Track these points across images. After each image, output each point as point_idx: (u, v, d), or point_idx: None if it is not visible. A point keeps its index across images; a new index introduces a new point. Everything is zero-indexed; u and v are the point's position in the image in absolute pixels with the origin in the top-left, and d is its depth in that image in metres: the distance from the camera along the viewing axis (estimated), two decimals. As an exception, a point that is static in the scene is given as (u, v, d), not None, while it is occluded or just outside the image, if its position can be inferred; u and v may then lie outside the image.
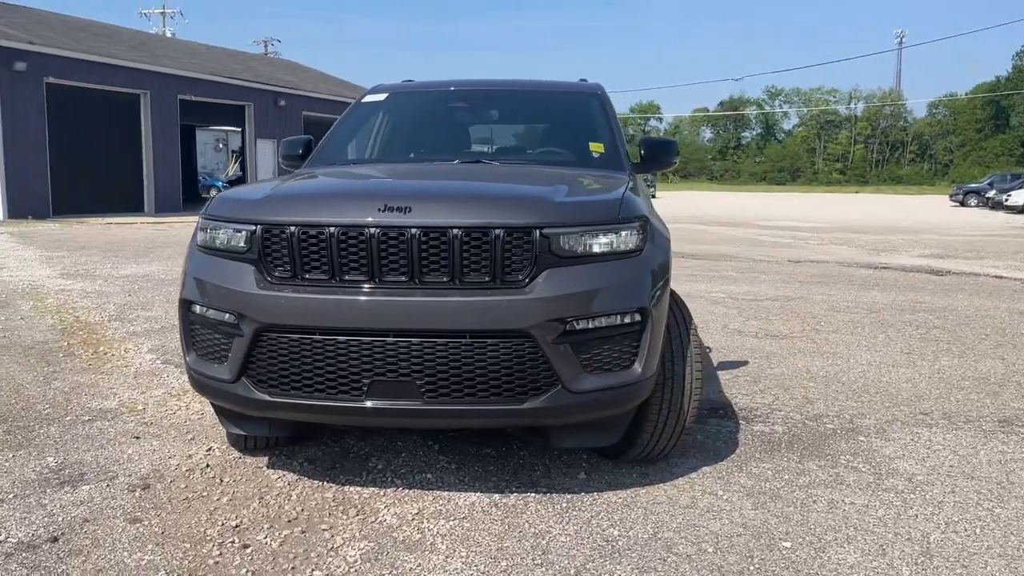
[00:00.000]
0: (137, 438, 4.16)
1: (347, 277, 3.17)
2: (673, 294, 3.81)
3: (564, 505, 3.40)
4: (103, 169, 23.27)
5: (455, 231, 3.10)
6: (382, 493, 3.51)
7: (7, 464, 3.78)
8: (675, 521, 3.26)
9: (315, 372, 3.18)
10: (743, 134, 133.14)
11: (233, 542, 3.05)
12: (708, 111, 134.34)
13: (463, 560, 2.92)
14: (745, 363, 6.01)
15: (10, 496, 3.42)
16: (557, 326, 3.11)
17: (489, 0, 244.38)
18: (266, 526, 3.19)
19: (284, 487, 3.57)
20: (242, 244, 3.30)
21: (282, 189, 3.57)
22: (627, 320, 3.26)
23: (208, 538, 3.08)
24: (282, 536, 3.11)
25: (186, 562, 2.90)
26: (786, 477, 3.74)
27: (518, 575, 2.83)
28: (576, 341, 3.17)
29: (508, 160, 4.46)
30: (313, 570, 2.86)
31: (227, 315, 3.28)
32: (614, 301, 3.23)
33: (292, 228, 3.19)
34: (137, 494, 3.48)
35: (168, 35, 46.18)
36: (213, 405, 3.73)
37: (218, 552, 2.97)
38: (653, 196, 56.89)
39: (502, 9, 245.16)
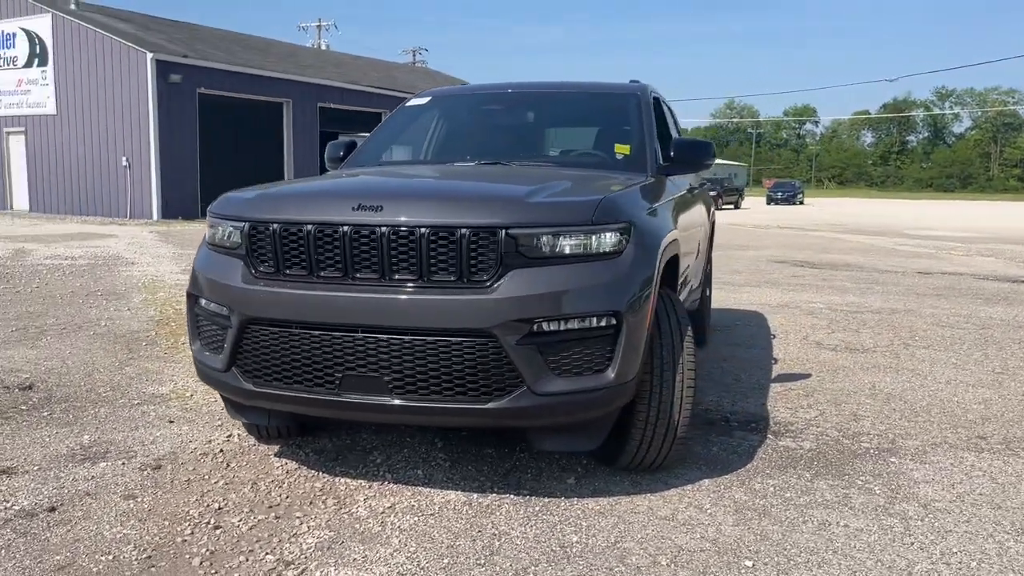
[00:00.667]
0: (171, 422, 4.44)
1: (323, 273, 3.27)
2: (673, 300, 3.70)
3: (538, 508, 3.37)
4: (248, 173, 24.54)
5: (423, 230, 3.13)
6: (367, 486, 3.59)
7: (47, 439, 4.12)
8: (643, 532, 3.16)
9: (293, 364, 3.29)
10: (908, 138, 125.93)
11: (208, 523, 3.21)
12: (869, 114, 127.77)
13: (408, 554, 2.95)
14: (807, 376, 5.72)
15: (35, 468, 3.74)
16: (522, 327, 3.09)
17: (647, 4, 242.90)
18: (246, 510, 3.34)
19: (281, 475, 3.71)
20: (235, 240, 3.46)
21: (272, 189, 3.72)
22: (600, 323, 3.20)
23: (187, 517, 3.25)
24: (255, 520, 3.24)
25: (157, 538, 3.07)
26: (787, 495, 3.55)
27: (455, 573, 2.83)
28: (543, 343, 3.13)
29: (528, 162, 4.45)
30: (267, 554, 2.97)
31: (222, 308, 3.46)
32: (585, 303, 3.17)
33: (275, 225, 3.32)
34: (146, 473, 3.71)
35: (322, 47, 48.45)
36: (220, 395, 3.92)
37: (189, 531, 3.14)
38: (800, 202, 54.83)
39: (657, 10, 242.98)
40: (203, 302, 3.60)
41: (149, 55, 21.68)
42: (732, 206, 45.94)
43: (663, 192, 4.18)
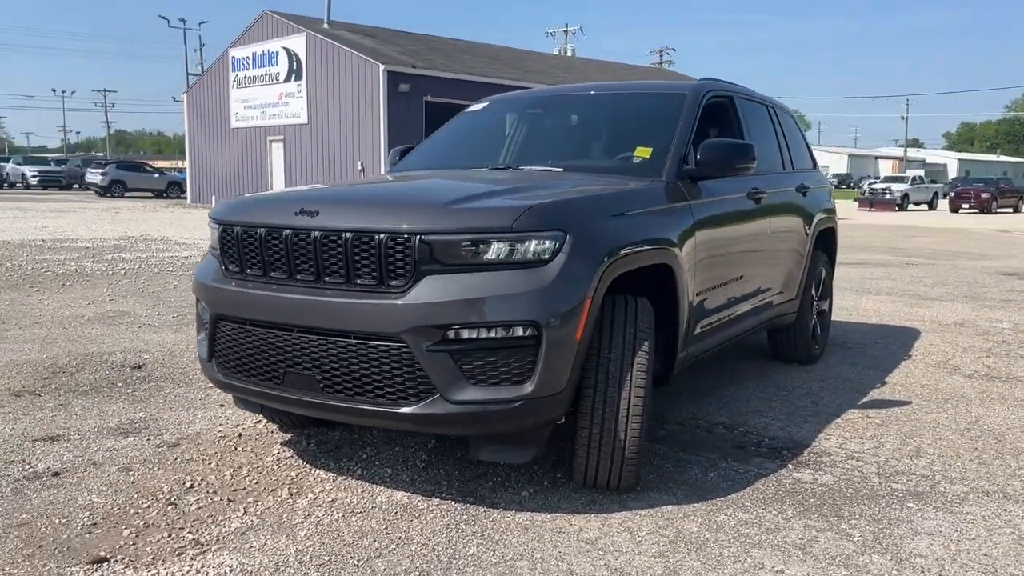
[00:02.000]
0: (222, 406, 4.85)
1: (273, 274, 3.46)
2: (638, 313, 3.46)
3: (464, 518, 3.32)
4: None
5: (347, 234, 3.22)
6: (332, 479, 3.73)
7: (109, 413, 4.67)
8: (549, 552, 3.02)
9: (248, 358, 3.52)
10: None
11: (168, 499, 3.50)
12: None
13: (300, 548, 3.04)
14: (904, 404, 5.08)
15: (77, 437, 4.25)
16: (433, 333, 3.09)
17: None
18: (210, 491, 3.59)
19: (270, 462, 3.95)
20: (215, 242, 3.75)
21: (250, 195, 3.96)
22: (519, 333, 3.11)
23: (157, 492, 3.57)
24: (209, 501, 3.49)
25: (116, 508, 3.41)
26: (746, 531, 3.22)
27: (330, 569, 2.89)
28: (456, 350, 3.10)
29: (545, 166, 4.35)
30: (189, 533, 3.19)
31: (205, 304, 3.76)
32: (502, 312, 3.09)
33: (237, 228, 3.56)
34: (160, 450, 4.10)
35: (568, 52, 49.40)
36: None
37: (147, 505, 3.44)
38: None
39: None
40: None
41: (381, 67, 23.45)
42: (1011, 209, 40.96)
43: (669, 199, 3.93)
